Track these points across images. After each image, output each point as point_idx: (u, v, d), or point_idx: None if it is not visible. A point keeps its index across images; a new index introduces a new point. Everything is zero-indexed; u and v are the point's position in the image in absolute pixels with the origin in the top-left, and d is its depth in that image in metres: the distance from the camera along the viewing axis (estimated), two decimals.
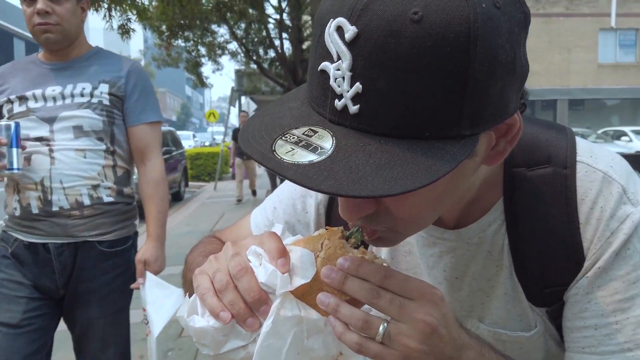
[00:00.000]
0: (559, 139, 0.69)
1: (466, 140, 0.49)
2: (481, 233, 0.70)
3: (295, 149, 0.49)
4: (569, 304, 0.67)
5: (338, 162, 0.47)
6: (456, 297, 0.74)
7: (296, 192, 0.87)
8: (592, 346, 0.64)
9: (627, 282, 0.62)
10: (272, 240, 0.60)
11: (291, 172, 0.47)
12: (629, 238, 0.62)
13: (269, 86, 13.86)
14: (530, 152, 0.68)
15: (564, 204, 0.65)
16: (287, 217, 0.86)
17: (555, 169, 0.66)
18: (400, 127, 0.47)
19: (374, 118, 0.48)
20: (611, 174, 0.64)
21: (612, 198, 0.63)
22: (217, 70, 12.84)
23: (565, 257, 0.65)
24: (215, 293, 0.58)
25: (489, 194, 0.69)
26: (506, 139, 0.56)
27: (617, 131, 18.11)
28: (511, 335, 0.71)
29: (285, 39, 11.54)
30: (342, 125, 0.49)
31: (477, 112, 0.48)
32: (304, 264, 0.57)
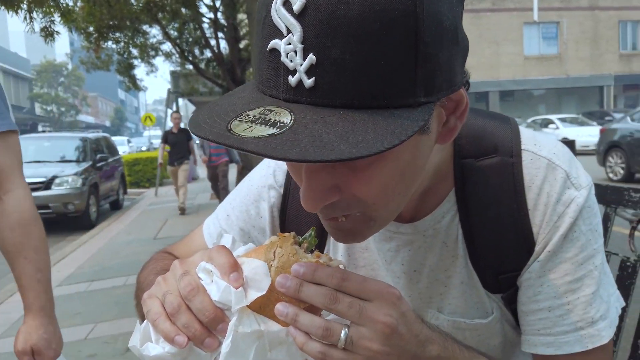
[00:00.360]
0: (504, 129, 0.71)
1: (423, 108, 0.49)
2: (436, 224, 0.71)
3: (253, 126, 0.47)
4: (523, 288, 0.69)
5: (300, 132, 0.45)
6: (415, 290, 0.74)
7: (249, 197, 0.85)
8: (547, 327, 0.67)
9: (576, 263, 0.65)
10: (221, 254, 0.57)
11: (252, 145, 0.45)
12: (575, 221, 0.65)
13: (207, 87, 13.57)
14: (477, 143, 0.70)
15: (512, 192, 0.67)
16: (241, 224, 0.84)
17: (502, 158, 0.68)
18: (357, 97, 0.47)
19: (330, 90, 0.47)
20: (555, 160, 0.67)
21: (557, 183, 0.66)
22: (151, 72, 12.43)
23: (517, 243, 0.67)
24: (167, 317, 0.55)
25: (440, 185, 0.70)
26: (455, 115, 0.57)
27: (545, 119, 19.19)
28: (470, 323, 0.72)
29: (222, 39, 11.34)
30: (298, 102, 0.48)
31: (429, 79, 0.49)
32: (258, 276, 0.56)
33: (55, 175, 8.55)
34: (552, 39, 28.30)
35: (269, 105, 0.49)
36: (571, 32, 28.00)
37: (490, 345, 0.73)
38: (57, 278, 5.35)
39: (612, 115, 18.29)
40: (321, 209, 0.56)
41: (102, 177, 10.02)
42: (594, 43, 28.36)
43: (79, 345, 3.51)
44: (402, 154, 0.53)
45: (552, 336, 0.66)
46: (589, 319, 0.65)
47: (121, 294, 4.57)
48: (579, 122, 18.23)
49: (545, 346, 0.67)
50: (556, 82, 28.29)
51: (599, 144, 10.44)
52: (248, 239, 0.84)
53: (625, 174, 9.53)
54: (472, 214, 0.69)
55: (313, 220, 0.80)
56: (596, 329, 0.65)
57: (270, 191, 0.83)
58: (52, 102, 50.68)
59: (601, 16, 28.26)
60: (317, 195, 0.53)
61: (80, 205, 8.55)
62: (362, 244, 0.77)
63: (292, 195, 0.82)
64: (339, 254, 0.79)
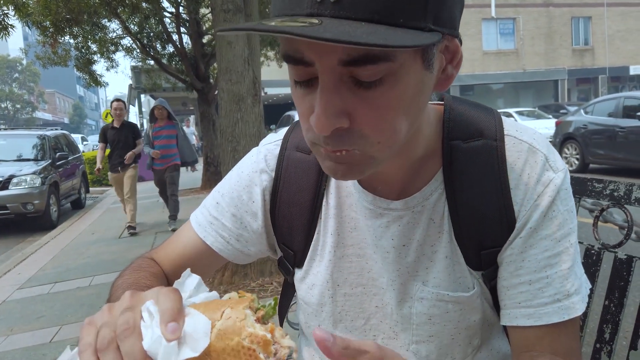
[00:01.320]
0: (488, 116, 0.77)
1: (432, 33, 0.54)
2: (424, 201, 0.75)
3: (284, 22, 0.50)
4: (505, 264, 0.73)
5: (329, 28, 0.48)
6: (403, 264, 0.77)
7: (240, 183, 0.86)
8: (527, 300, 0.71)
9: (554, 240, 0.71)
10: (168, 298, 0.52)
11: (287, 29, 0.47)
12: (554, 200, 0.71)
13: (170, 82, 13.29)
14: (464, 127, 0.75)
15: (496, 172, 0.72)
16: (233, 210, 0.85)
17: (487, 141, 0.73)
18: (377, 11, 0.50)
19: (353, 3, 0.50)
20: (535, 144, 0.73)
21: (537, 165, 0.71)
22: (111, 67, 12.08)
23: (499, 219, 0.72)
24: (95, 351, 0.50)
25: (429, 165, 0.75)
26: (452, 64, 0.63)
27: (504, 113, 19.69)
28: (452, 296, 0.76)
29: (184, 33, 11.14)
30: (322, 15, 0.51)
31: (438, 9, 0.54)
32: (197, 334, 0.49)
33: (13, 175, 8.22)
34: (509, 35, 29.09)
35: (293, 17, 0.52)
36: (527, 28, 28.85)
37: (471, 321, 0.77)
38: (18, 280, 5.17)
39: (567, 108, 18.96)
40: (325, 139, 0.58)
41: (63, 176, 9.69)
42: (548, 38, 29.33)
43: (43, 349, 3.42)
44: (410, 84, 0.57)
45: (532, 308, 0.71)
46: (565, 292, 0.70)
47: (86, 295, 4.46)
48: (535, 115, 18.80)
49: (526, 318, 0.71)
50: (514, 77, 29.12)
51: (555, 136, 10.82)
52: (240, 225, 0.85)
53: (580, 165, 9.93)
54: (458, 191, 0.73)
55: (304, 209, 0.82)
56: (571, 301, 0.70)
57: (262, 175, 0.85)
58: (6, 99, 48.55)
59: (555, 12, 29.25)
60: (330, 115, 0.55)
61: (40, 205, 8.26)
62: (351, 224, 0.80)
63: (284, 178, 0.83)
64: (329, 233, 0.81)
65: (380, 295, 0.80)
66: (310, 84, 0.58)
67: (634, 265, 0.98)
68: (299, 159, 0.83)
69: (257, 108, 4.24)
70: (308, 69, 0.56)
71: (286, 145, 0.86)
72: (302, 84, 0.59)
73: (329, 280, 0.82)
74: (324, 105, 0.55)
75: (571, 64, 29.80)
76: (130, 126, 7.12)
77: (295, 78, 0.59)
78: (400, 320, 0.79)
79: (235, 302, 0.53)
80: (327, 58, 0.54)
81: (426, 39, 0.52)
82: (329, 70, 0.54)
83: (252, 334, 0.49)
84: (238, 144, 4.20)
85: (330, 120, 0.56)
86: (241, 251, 0.87)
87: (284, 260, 0.89)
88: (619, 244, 1.03)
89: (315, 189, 0.82)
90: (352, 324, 0.83)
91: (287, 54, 0.57)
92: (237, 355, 0.49)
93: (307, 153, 0.83)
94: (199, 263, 0.87)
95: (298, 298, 0.90)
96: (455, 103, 0.78)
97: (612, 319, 0.98)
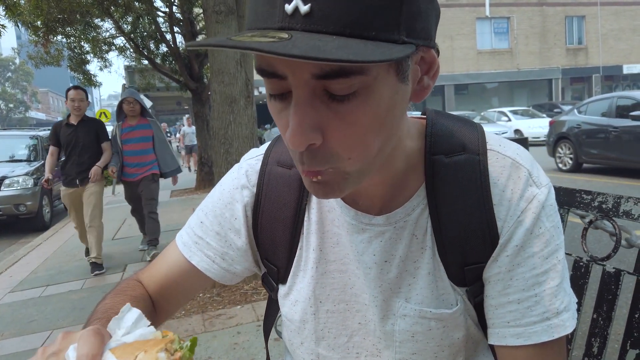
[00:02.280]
0: (471, 131, 0.76)
1: (406, 45, 0.53)
2: (406, 217, 0.74)
3: (253, 37, 0.49)
4: (492, 282, 0.72)
5: (300, 42, 0.47)
6: (386, 280, 0.76)
7: (222, 201, 0.85)
8: (516, 319, 0.71)
9: (542, 257, 0.70)
10: (87, 343, 0.53)
11: (256, 45, 0.46)
12: (539, 217, 0.70)
13: (163, 82, 13.24)
14: (446, 141, 0.74)
15: (478, 187, 0.71)
16: (216, 229, 0.84)
17: (469, 155, 0.72)
18: (349, 25, 0.50)
19: (324, 17, 0.49)
20: (518, 160, 0.72)
21: (521, 181, 0.71)
22: (105, 67, 12.01)
23: (482, 235, 0.71)
24: None
25: (411, 179, 0.74)
26: (429, 75, 0.62)
27: (499, 112, 19.76)
28: (435, 312, 0.75)
29: (178, 33, 11.08)
30: (293, 29, 0.50)
31: (411, 20, 0.53)
32: None
33: (5, 176, 8.17)
34: (504, 34, 29.16)
35: (264, 31, 0.52)
36: (521, 27, 28.94)
37: (454, 338, 0.76)
38: (10, 283, 5.13)
39: (561, 107, 19.05)
40: (300, 158, 0.58)
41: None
42: (542, 38, 29.43)
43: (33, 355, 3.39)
44: (383, 97, 0.56)
45: (521, 327, 0.70)
46: (554, 309, 0.69)
47: (78, 299, 4.43)
48: (529, 114, 18.89)
49: (515, 337, 0.70)
50: (508, 76, 29.20)
51: (549, 135, 10.85)
52: (225, 244, 0.84)
53: (573, 164, 9.96)
54: (441, 206, 0.72)
55: (286, 224, 0.81)
56: (561, 319, 0.69)
57: (243, 191, 0.84)
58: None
59: (549, 12, 29.34)
60: (304, 130, 0.55)
61: (33, 206, 8.20)
62: (334, 239, 0.79)
63: (265, 194, 0.82)
64: (311, 249, 0.80)
65: (363, 311, 0.79)
66: (285, 98, 0.58)
67: (622, 278, 0.98)
68: (280, 174, 0.82)
69: (249, 110, 4.22)
70: (282, 83, 0.56)
71: (267, 160, 0.85)
72: (277, 98, 0.58)
73: (311, 297, 0.81)
74: (298, 120, 0.55)
75: (565, 63, 29.91)
76: (92, 123, 5.06)
77: (270, 91, 0.59)
78: (383, 337, 0.78)
79: (153, 344, 0.53)
80: (299, 72, 0.53)
81: (399, 53, 0.50)
82: (302, 84, 0.54)
83: None
84: (231, 145, 4.18)
85: (304, 135, 0.55)
86: (227, 270, 0.85)
87: (268, 276, 0.88)
88: (607, 257, 1.02)
89: (297, 204, 0.81)
90: (335, 341, 0.82)
91: (261, 67, 0.56)
92: None
93: (288, 168, 0.82)
94: (185, 284, 0.86)
95: (282, 315, 0.88)
96: (437, 117, 0.77)
97: (600, 332, 0.98)
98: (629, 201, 0.97)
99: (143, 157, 5.40)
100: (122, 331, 0.56)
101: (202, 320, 3.53)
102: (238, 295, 3.91)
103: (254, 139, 4.27)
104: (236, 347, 3.08)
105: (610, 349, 0.99)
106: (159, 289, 0.86)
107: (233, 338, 3.20)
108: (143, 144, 5.42)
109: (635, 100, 8.67)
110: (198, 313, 3.65)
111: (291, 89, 0.55)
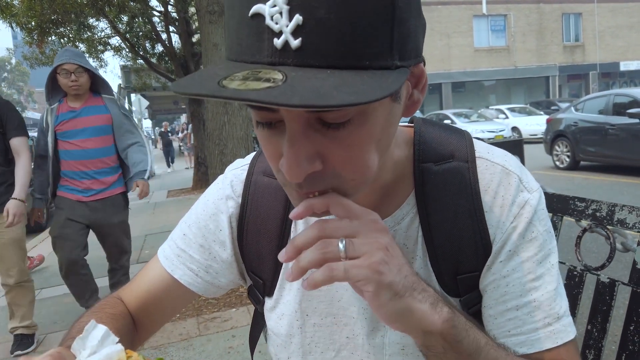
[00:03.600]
0: (459, 139, 0.75)
1: (399, 71, 0.52)
2: (396, 226, 0.73)
3: (246, 82, 0.46)
4: (489, 291, 0.71)
5: (297, 85, 0.45)
6: None
7: (206, 212, 0.83)
8: (517, 327, 0.69)
9: (536, 262, 0.69)
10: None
11: (253, 95, 0.43)
12: (531, 221, 0.69)
13: (160, 82, 13.21)
14: (435, 149, 0.73)
15: (469, 194, 0.70)
16: (200, 241, 0.82)
17: (458, 163, 0.72)
18: (342, 57, 0.48)
19: (316, 51, 0.47)
20: (508, 166, 0.72)
21: (512, 187, 0.70)
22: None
23: (474, 243, 0.70)
24: None
25: (400, 188, 0.73)
26: (418, 89, 0.62)
27: (496, 109, 19.77)
28: None
29: (173, 32, 11.05)
30: (284, 65, 0.48)
31: (403, 43, 0.52)
32: None
33: None
34: (501, 32, 29.16)
35: (255, 69, 0.48)
36: (518, 24, 28.95)
37: None
38: None
39: (558, 105, 19.05)
40: (298, 184, 0.56)
41: None
42: (539, 35, 29.45)
43: None
44: (378, 119, 0.55)
45: (523, 335, 0.68)
46: (555, 314, 0.68)
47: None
48: (527, 111, 18.89)
49: (518, 346, 0.69)
50: (505, 73, 29.22)
51: (546, 133, 10.84)
52: (209, 256, 0.82)
53: (571, 162, 9.95)
54: (431, 215, 0.71)
55: (272, 235, 0.79)
56: (562, 324, 0.68)
57: (228, 201, 0.82)
58: None
59: (546, 9, 29.36)
60: (301, 162, 0.53)
61: (28, 208, 8.16)
62: None
63: (251, 204, 0.80)
64: None
65: (351, 325, 0.77)
66: (274, 126, 0.55)
67: (617, 289, 0.95)
68: (266, 184, 0.80)
69: (244, 111, 4.20)
70: (273, 114, 0.54)
71: (253, 170, 0.83)
72: (265, 125, 0.56)
73: (298, 310, 0.79)
74: (294, 154, 0.53)
75: (562, 60, 29.94)
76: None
77: (258, 119, 0.56)
78: (373, 351, 0.76)
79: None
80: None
81: (395, 83, 0.49)
82: (296, 117, 0.52)
83: None
84: (225, 147, 4.15)
85: (302, 167, 0.53)
86: (211, 283, 0.83)
87: (254, 289, 0.85)
88: (601, 267, 0.99)
89: (284, 215, 0.79)
90: (322, 355, 0.79)
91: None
92: None
93: (274, 177, 0.79)
94: (167, 299, 0.83)
95: (267, 329, 0.86)
96: (424, 126, 0.77)
97: (595, 344, 0.95)
98: (623, 209, 0.95)
99: (97, 163, 3.22)
100: (87, 351, 0.54)
101: (197, 323, 3.50)
102: (233, 298, 3.88)
103: (248, 140, 4.25)
104: (231, 350, 3.05)
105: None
106: (140, 305, 0.83)
107: (228, 342, 3.18)
108: (96, 139, 3.21)
109: (632, 98, 8.67)
110: (193, 316, 3.63)
111: (282, 119, 0.54)
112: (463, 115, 18.12)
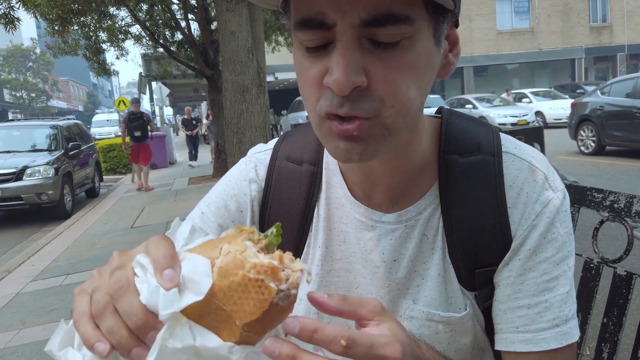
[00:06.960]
0: (486, 132, 0.75)
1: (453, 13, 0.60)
2: (418, 215, 0.73)
3: None
4: (502, 286, 0.71)
5: None
6: (393, 280, 0.75)
7: (227, 192, 0.83)
8: (525, 325, 0.69)
9: (553, 263, 0.68)
10: (159, 246, 0.48)
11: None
12: (553, 222, 0.69)
13: (180, 70, 13.28)
14: (461, 141, 0.73)
15: (493, 188, 0.70)
16: (219, 220, 0.82)
17: (484, 156, 0.72)
18: None
19: None
20: (535, 163, 0.71)
21: (537, 184, 0.70)
22: (121, 55, 12.08)
23: (494, 238, 0.70)
24: (90, 318, 0.46)
25: (424, 178, 0.73)
26: (453, 53, 0.66)
27: (519, 93, 19.39)
28: (443, 316, 0.73)
29: (192, 20, 11.07)
30: None
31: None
32: (198, 276, 0.45)
33: (26, 166, 8.32)
34: (524, 13, 28.44)
35: None
36: (542, 5, 28.16)
37: (461, 343, 0.75)
38: (32, 272, 5.26)
39: (584, 88, 18.58)
40: (340, 102, 0.56)
41: (76, 165, 9.79)
42: (565, 16, 28.61)
43: None
44: (423, 53, 0.58)
45: (530, 333, 0.68)
46: (563, 316, 0.68)
47: None
48: (551, 95, 18.48)
49: (524, 343, 0.69)
50: (529, 56, 28.55)
51: (571, 117, 10.61)
52: None
53: (596, 147, 9.73)
54: (453, 207, 0.71)
55: (294, 221, 0.80)
56: (569, 326, 0.68)
57: (252, 184, 0.82)
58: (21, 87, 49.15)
59: None
60: (350, 73, 0.55)
61: (54, 195, 8.36)
62: (340, 237, 0.78)
63: (274, 189, 0.81)
64: (318, 245, 0.79)
65: None
66: (322, 49, 0.57)
67: (634, 282, 0.93)
68: (290, 170, 0.81)
69: (262, 99, 4.20)
70: (324, 33, 0.56)
71: (277, 155, 0.83)
72: (313, 50, 0.58)
73: None
74: (345, 63, 0.55)
75: (588, 42, 29.07)
76: None
77: (307, 44, 0.58)
78: None
79: (233, 236, 0.49)
80: (349, 16, 0.54)
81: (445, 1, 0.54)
82: (350, 29, 0.54)
83: (257, 264, 0.45)
84: (243, 135, 4.17)
85: (350, 78, 0.54)
86: None
87: None
88: (618, 259, 0.97)
89: (307, 201, 0.79)
90: None
91: (306, 18, 0.56)
92: (245, 289, 0.45)
93: (298, 164, 0.80)
94: None
95: None
96: (452, 117, 0.77)
97: (611, 337, 0.94)
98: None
99: None
100: (179, 243, 0.52)
101: None
102: None
103: (266, 128, 4.26)
104: None
105: (621, 354, 0.95)
106: None
107: None
108: None
109: None
110: None
111: (333, 40, 0.56)
112: (485, 100, 17.82)
